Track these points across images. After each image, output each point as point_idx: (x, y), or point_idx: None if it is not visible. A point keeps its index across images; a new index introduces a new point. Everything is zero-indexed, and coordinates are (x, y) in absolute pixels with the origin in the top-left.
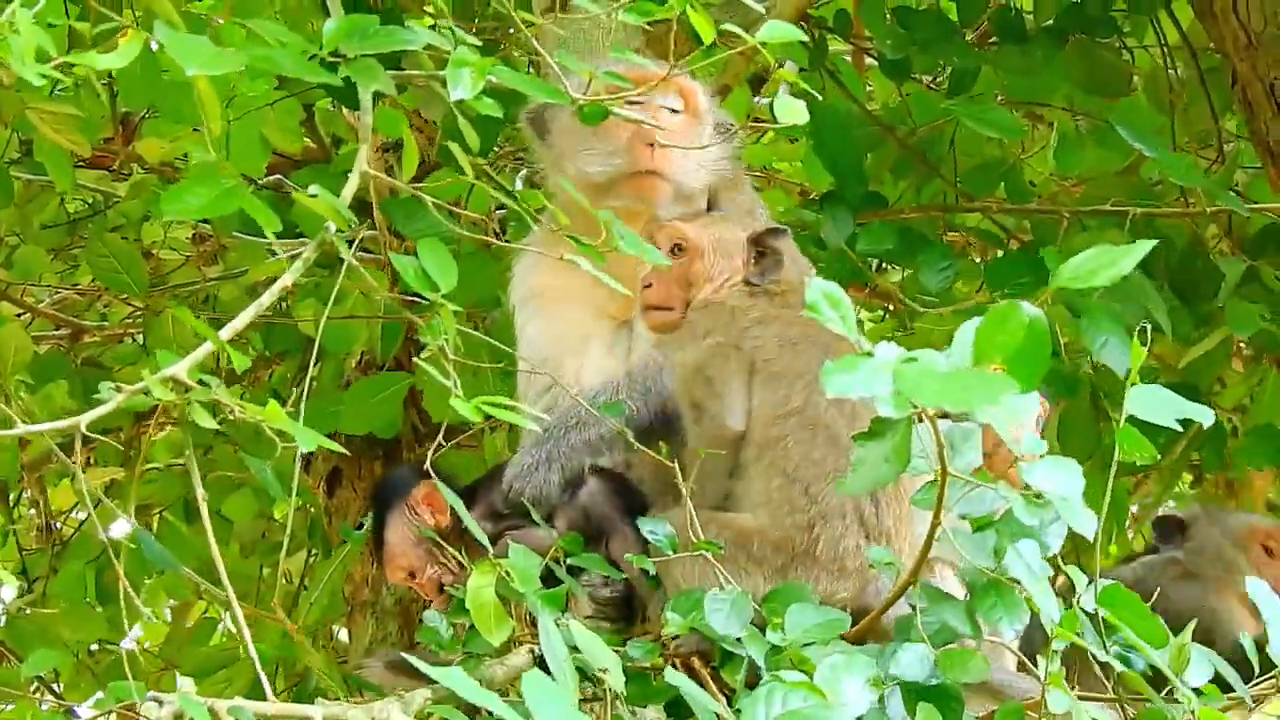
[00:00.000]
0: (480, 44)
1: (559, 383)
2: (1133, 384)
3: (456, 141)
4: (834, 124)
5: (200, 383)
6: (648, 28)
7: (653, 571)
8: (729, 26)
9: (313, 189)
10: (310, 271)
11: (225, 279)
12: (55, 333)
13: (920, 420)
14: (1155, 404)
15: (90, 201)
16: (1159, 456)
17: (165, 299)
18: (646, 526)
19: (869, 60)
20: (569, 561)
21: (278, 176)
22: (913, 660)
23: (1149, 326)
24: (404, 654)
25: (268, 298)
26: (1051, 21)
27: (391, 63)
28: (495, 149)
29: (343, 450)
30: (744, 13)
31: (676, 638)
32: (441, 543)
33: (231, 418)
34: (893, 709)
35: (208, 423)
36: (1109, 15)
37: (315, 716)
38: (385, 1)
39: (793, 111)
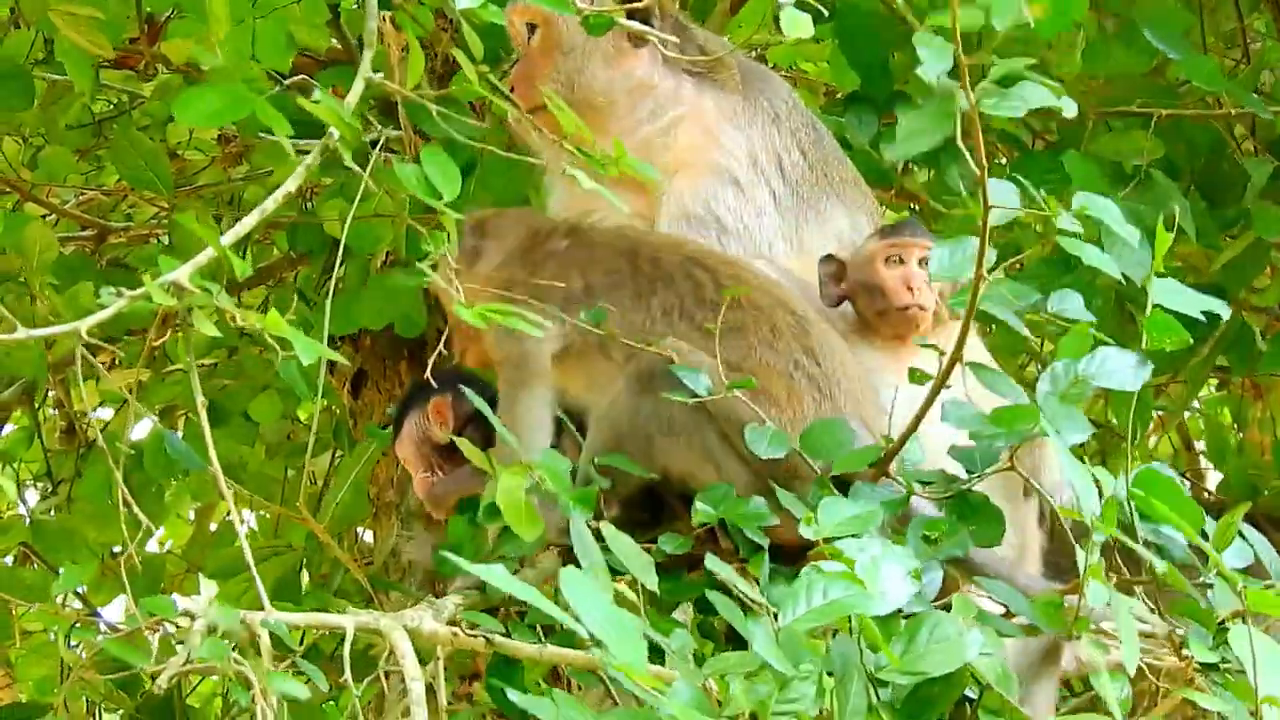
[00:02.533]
0: None
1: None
2: (1158, 272)
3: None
4: (859, 22)
5: (204, 290)
6: None
7: None
8: None
9: (316, 95)
10: (335, 171)
11: (250, 179)
12: (81, 234)
13: None
14: (1178, 296)
15: (115, 102)
16: (1191, 341)
17: (191, 199)
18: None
19: None
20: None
21: (303, 76)
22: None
23: (1175, 217)
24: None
25: (270, 203)
26: None
27: None
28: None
29: (344, 360)
30: None
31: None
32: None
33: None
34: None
35: (210, 330)
36: None
37: (347, 625)
38: None
39: (799, 24)
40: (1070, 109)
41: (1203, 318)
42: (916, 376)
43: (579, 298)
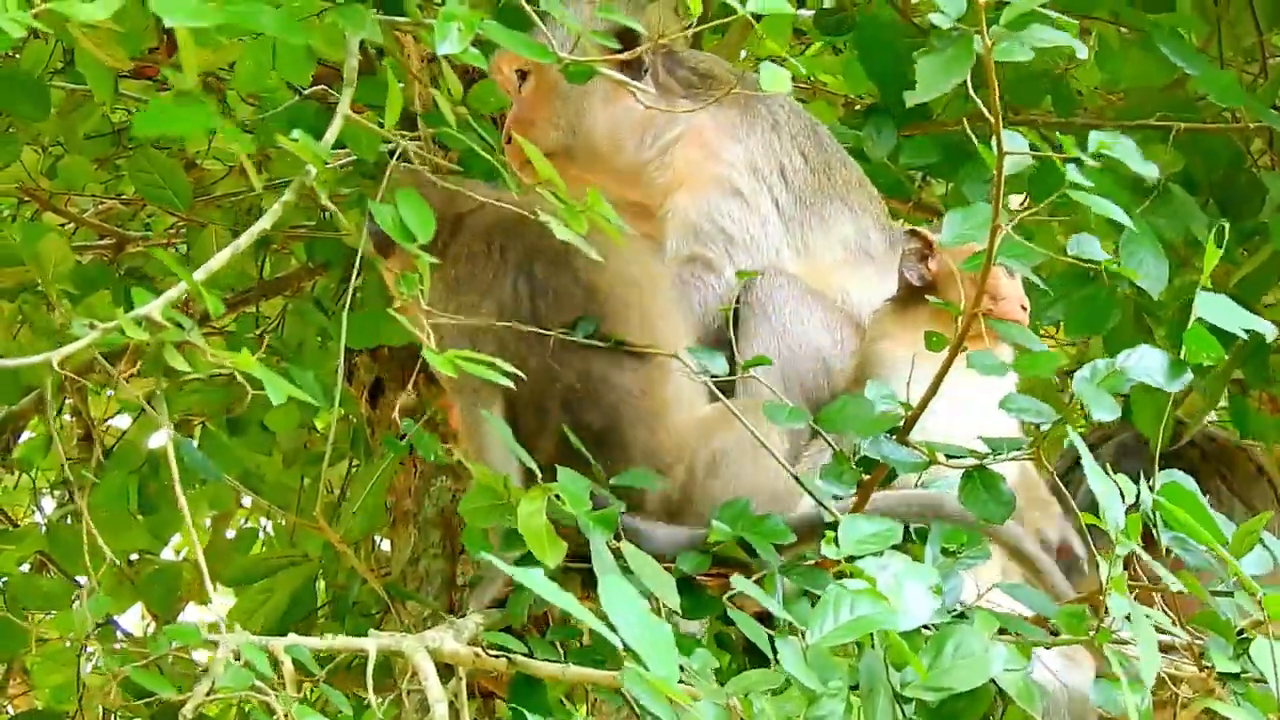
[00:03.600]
0: None
1: None
2: (1204, 287)
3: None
4: (877, 34)
5: (176, 324)
6: None
7: None
8: None
9: (295, 133)
10: (353, 182)
11: (270, 188)
12: (99, 243)
13: None
14: (1224, 313)
15: (134, 111)
16: (1225, 356)
17: (209, 210)
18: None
19: None
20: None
21: (323, 87)
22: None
23: (1225, 229)
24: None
25: (245, 239)
26: None
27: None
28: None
29: (313, 401)
30: None
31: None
32: None
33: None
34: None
35: (181, 365)
36: None
37: (370, 648)
38: None
39: (778, 80)
40: (1081, 50)
41: (1244, 334)
42: (935, 342)
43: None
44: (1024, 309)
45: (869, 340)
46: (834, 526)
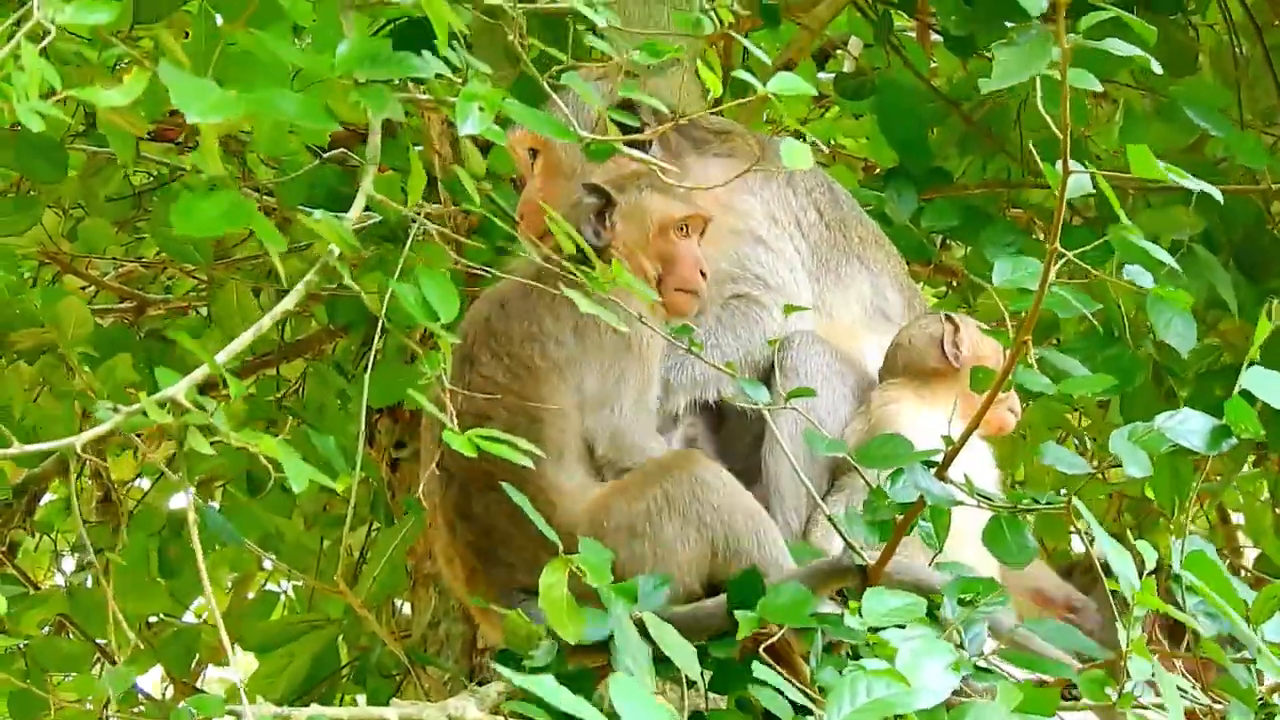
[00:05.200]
0: (501, 69)
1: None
2: (1252, 361)
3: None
4: (898, 99)
5: (197, 405)
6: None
7: None
8: (741, 74)
9: (317, 213)
10: (375, 245)
11: (290, 252)
12: (120, 305)
13: None
14: (1271, 386)
15: (155, 174)
16: (1262, 432)
17: (230, 272)
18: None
19: (934, 36)
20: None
21: (342, 150)
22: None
23: (1275, 302)
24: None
25: (268, 320)
26: None
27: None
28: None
29: (332, 485)
30: None
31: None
32: None
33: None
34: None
35: (204, 449)
36: None
37: (391, 717)
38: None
39: (798, 156)
40: (1156, 66)
41: None
42: (980, 380)
43: None
44: (1013, 413)
45: (880, 404)
46: (862, 570)
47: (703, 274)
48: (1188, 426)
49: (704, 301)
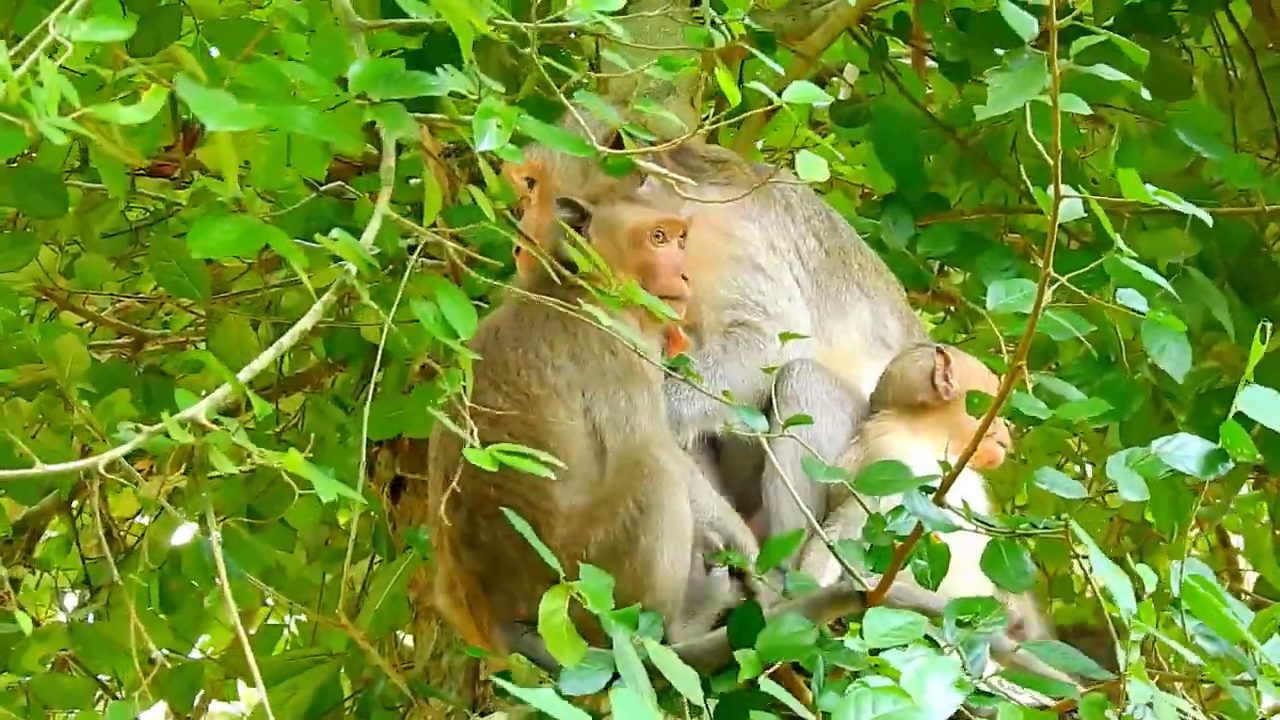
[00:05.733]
0: (504, 90)
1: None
2: (1247, 383)
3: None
4: (894, 126)
5: (218, 424)
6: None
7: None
8: (756, 85)
9: (335, 232)
10: (373, 276)
11: (288, 285)
12: (117, 341)
13: None
14: (1267, 406)
15: (151, 209)
16: (1259, 455)
17: (228, 306)
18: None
19: (929, 62)
20: None
21: (340, 183)
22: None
23: (1267, 324)
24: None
25: (288, 339)
26: (1111, 22)
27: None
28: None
29: (359, 498)
30: (805, 14)
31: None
32: None
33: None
34: None
35: (228, 468)
36: (1168, 15)
37: None
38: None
39: (815, 169)
40: (1145, 93)
41: None
42: (977, 404)
43: None
44: (1003, 445)
45: (874, 435)
46: (862, 597)
47: (685, 279)
48: (1184, 451)
49: (689, 305)
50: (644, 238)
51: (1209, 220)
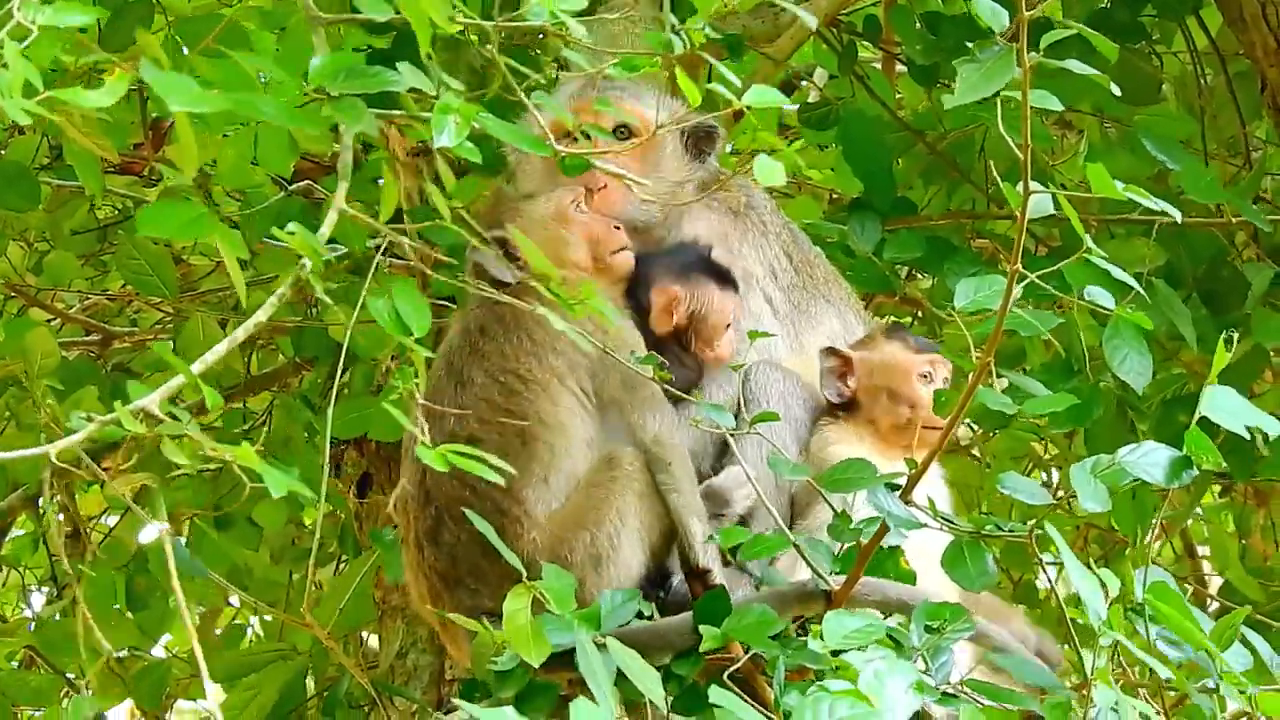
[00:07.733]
0: (470, 90)
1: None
2: (1211, 383)
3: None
4: (863, 130)
5: (171, 416)
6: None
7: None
8: (715, 86)
9: (291, 226)
10: (340, 277)
11: (255, 285)
12: (85, 339)
13: None
14: (1230, 410)
15: (120, 207)
16: (1223, 463)
17: (195, 304)
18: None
19: (898, 66)
20: None
21: (307, 181)
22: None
23: (1230, 332)
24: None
25: (242, 333)
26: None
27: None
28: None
29: (309, 494)
30: (774, 17)
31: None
32: None
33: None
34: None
35: (180, 459)
36: (1138, 21)
37: None
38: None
39: (771, 173)
40: (1115, 89)
41: (1246, 433)
42: (944, 404)
43: None
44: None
45: (819, 445)
46: (827, 595)
47: (618, 228)
48: (1149, 459)
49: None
50: (565, 209)
51: (1179, 217)
